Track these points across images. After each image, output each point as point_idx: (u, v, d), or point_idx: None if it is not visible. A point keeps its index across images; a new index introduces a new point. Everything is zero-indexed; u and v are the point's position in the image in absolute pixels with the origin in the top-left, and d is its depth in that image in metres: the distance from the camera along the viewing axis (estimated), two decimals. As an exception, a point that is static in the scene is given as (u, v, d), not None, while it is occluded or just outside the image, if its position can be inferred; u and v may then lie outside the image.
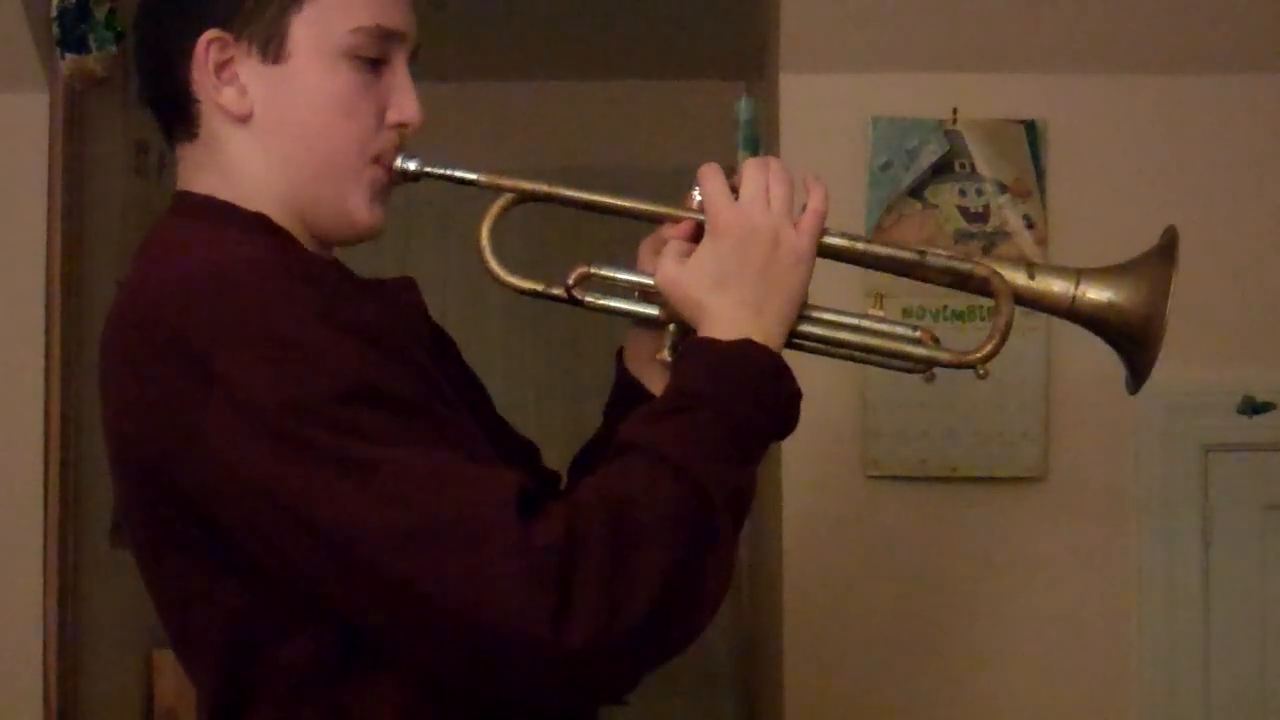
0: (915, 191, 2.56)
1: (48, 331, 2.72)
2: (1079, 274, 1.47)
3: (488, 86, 4.08)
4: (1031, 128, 2.57)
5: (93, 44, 2.70)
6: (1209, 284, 2.50)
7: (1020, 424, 2.52)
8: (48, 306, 2.73)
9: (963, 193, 2.56)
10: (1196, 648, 2.54)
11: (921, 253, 1.47)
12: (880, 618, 2.57)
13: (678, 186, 1.49)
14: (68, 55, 2.68)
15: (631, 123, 4.44)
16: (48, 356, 2.72)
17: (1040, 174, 2.56)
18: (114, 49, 2.74)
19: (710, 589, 1.27)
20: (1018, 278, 1.46)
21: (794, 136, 2.60)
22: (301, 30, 1.36)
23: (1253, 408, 2.52)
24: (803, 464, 2.50)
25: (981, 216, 2.56)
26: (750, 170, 1.42)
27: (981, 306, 2.35)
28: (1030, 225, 2.55)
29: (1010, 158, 2.56)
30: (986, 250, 2.55)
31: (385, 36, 1.38)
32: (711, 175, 1.42)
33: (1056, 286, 1.46)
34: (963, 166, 2.56)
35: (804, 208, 1.43)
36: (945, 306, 2.45)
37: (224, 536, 1.27)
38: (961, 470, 2.55)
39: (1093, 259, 2.52)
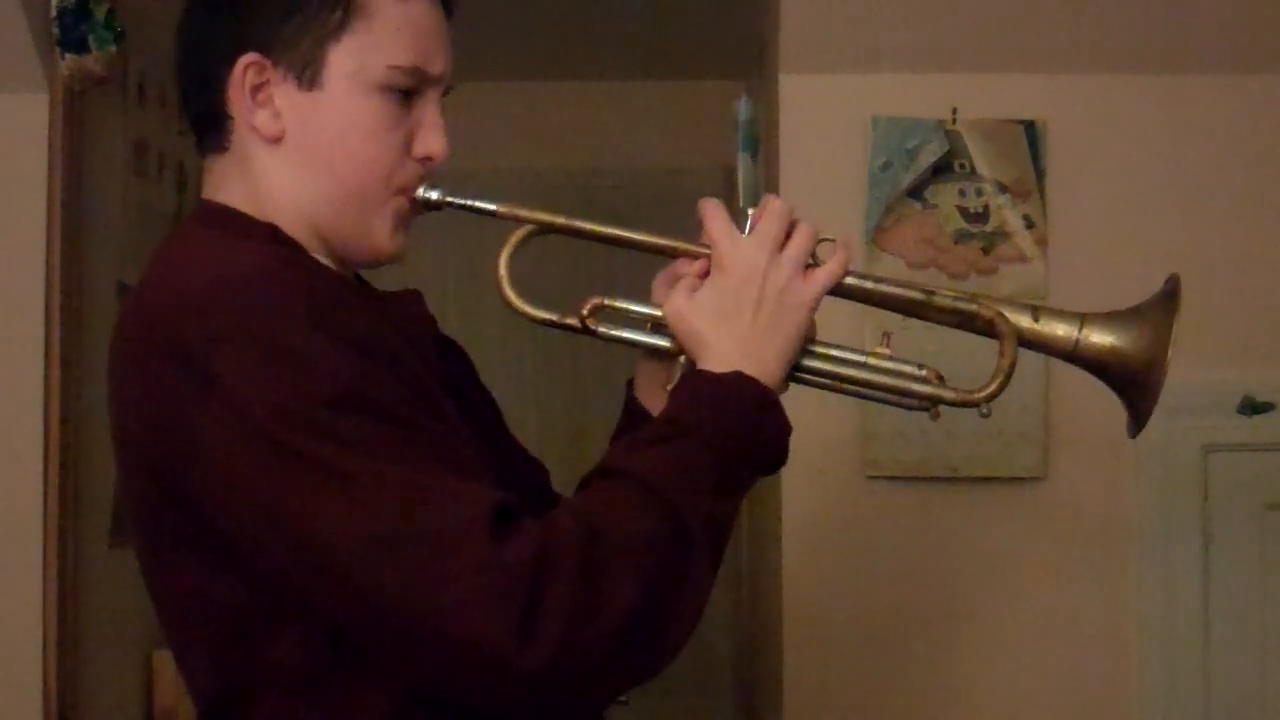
0: (915, 191, 2.56)
1: (48, 331, 2.72)
2: (1083, 318, 1.49)
3: (488, 87, 4.08)
4: (1031, 128, 2.57)
5: (93, 44, 2.70)
6: (1209, 284, 2.49)
7: (1020, 424, 2.52)
8: (48, 306, 2.72)
9: (962, 193, 2.56)
10: (1196, 647, 2.54)
11: (929, 293, 1.50)
12: (880, 618, 2.57)
13: (678, 186, 1.50)
14: (68, 55, 2.68)
15: (631, 123, 4.45)
16: (48, 356, 2.72)
17: (1040, 174, 2.56)
18: (114, 49, 2.74)
19: (679, 619, 1.28)
20: (1022, 320, 1.49)
21: (794, 136, 2.60)
22: (339, 60, 1.38)
23: (1253, 408, 2.52)
24: (803, 464, 2.47)
25: (981, 217, 2.56)
26: (769, 213, 1.44)
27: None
28: (1030, 225, 2.55)
29: (1010, 158, 2.56)
30: (986, 251, 2.55)
31: (421, 76, 1.40)
32: (713, 213, 1.45)
33: (1060, 330, 1.49)
34: (962, 166, 2.56)
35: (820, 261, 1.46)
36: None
37: (217, 535, 1.29)
38: (961, 470, 2.55)
39: (1091, 259, 2.55)
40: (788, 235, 1.44)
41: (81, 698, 2.78)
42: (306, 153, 1.39)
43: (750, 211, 1.46)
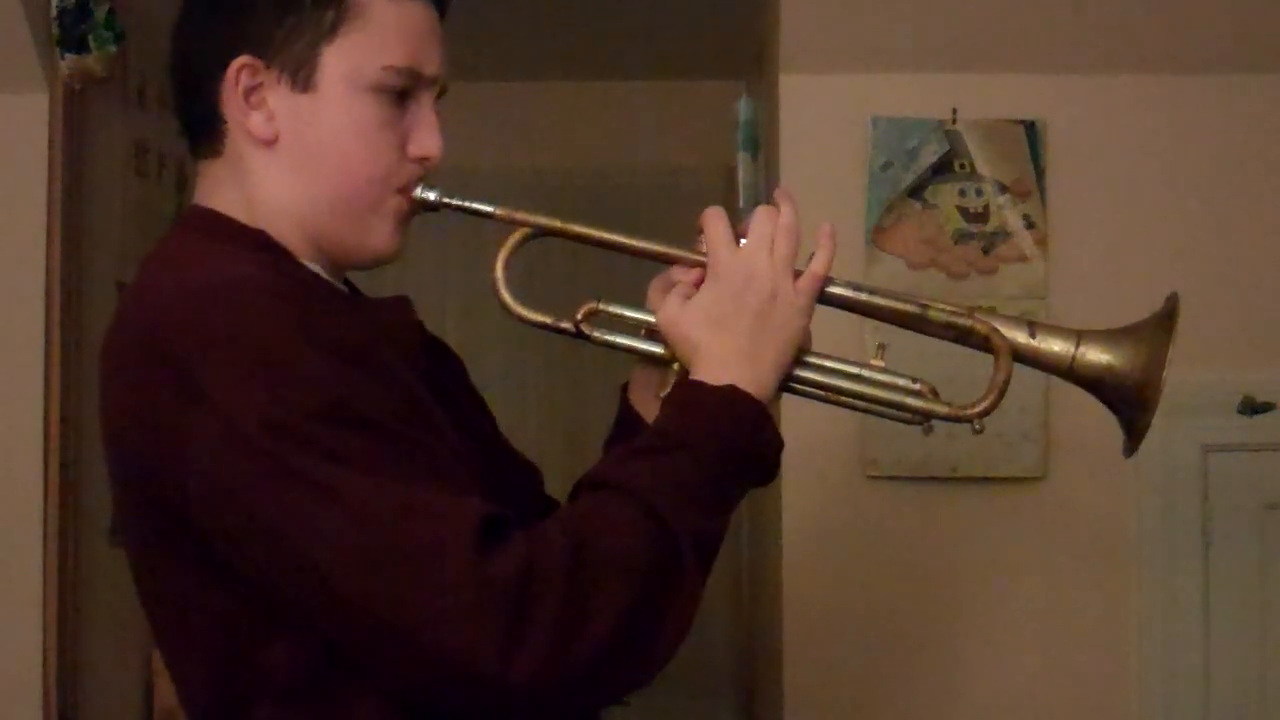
0: (915, 191, 2.56)
1: (48, 331, 2.72)
2: (1079, 335, 1.48)
3: (488, 86, 4.08)
4: (1031, 128, 2.57)
5: (92, 44, 2.70)
6: (1209, 284, 2.49)
7: (1020, 424, 2.52)
8: (48, 306, 2.73)
9: (963, 193, 2.57)
10: (1196, 647, 2.54)
11: (924, 306, 1.49)
12: (880, 618, 2.57)
13: (678, 186, 1.50)
14: (68, 55, 2.68)
15: (631, 123, 4.45)
16: (48, 356, 2.72)
17: (1040, 174, 2.56)
18: (114, 49, 2.73)
19: (668, 632, 1.28)
20: (1018, 336, 1.48)
21: (794, 136, 2.60)
22: (332, 62, 1.37)
23: (1253, 408, 2.52)
24: (803, 464, 2.49)
25: (981, 217, 2.56)
26: (758, 218, 1.44)
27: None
28: (1030, 225, 2.55)
29: (1010, 158, 2.56)
30: (986, 251, 2.55)
31: (415, 76, 1.40)
32: (715, 219, 1.44)
33: (1056, 346, 1.48)
34: (963, 166, 2.56)
35: (811, 257, 1.45)
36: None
37: (205, 543, 1.28)
38: (961, 470, 2.55)
39: (1091, 259, 2.55)
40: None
41: (81, 698, 2.78)
42: (301, 155, 1.38)
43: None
